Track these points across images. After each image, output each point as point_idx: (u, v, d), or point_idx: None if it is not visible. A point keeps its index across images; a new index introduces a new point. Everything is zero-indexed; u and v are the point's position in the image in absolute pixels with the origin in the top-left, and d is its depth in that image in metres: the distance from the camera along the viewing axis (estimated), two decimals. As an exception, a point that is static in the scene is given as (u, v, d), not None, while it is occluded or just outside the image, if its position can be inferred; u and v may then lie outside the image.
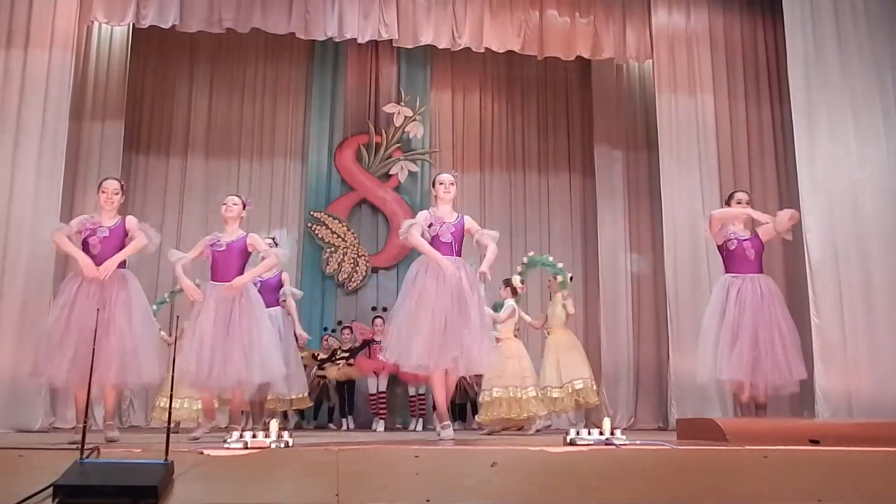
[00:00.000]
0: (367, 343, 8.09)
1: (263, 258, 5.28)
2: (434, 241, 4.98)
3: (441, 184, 5.14)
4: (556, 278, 7.27)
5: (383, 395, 8.00)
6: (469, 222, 5.14)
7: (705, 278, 7.79)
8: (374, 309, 8.77)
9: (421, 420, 7.92)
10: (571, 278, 7.52)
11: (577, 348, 7.08)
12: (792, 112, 7.41)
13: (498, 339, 6.23)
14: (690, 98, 8.25)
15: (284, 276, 6.51)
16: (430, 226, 5.03)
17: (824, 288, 6.94)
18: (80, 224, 4.98)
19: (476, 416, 7.06)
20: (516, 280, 6.97)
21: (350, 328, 8.48)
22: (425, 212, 5.19)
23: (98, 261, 4.81)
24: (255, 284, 5.51)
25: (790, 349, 5.32)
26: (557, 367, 6.86)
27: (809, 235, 7.07)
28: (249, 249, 5.25)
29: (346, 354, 8.14)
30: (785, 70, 7.77)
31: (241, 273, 5.19)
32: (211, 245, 5.22)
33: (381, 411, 7.93)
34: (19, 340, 6.60)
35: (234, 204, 5.33)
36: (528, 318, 7.20)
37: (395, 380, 8.13)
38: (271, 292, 6.21)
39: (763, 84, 8.55)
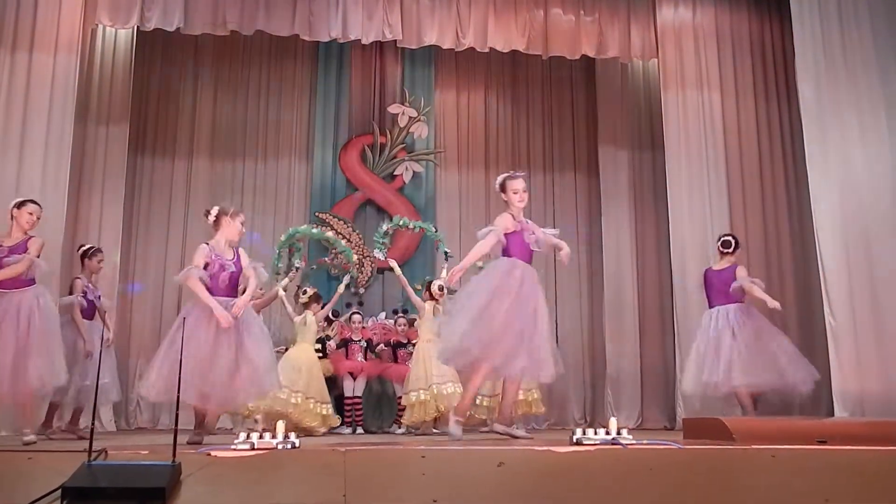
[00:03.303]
0: (346, 342, 7.73)
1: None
2: (524, 248, 5.02)
3: (515, 192, 5.12)
4: None
5: (359, 399, 7.52)
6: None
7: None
8: (395, 312, 8.48)
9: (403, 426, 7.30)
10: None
11: None
12: (801, 110, 7.36)
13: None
14: (697, 95, 8.23)
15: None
16: (517, 232, 5.03)
17: (838, 289, 6.87)
18: (207, 257, 5.00)
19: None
20: (434, 285, 7.06)
21: (360, 314, 8.13)
22: (508, 216, 5.11)
23: (219, 294, 4.90)
24: None
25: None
26: None
27: (821, 235, 7.01)
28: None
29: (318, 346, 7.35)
30: (793, 66, 7.74)
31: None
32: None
33: (357, 417, 7.43)
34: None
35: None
36: None
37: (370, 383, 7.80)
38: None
39: (770, 80, 8.52)
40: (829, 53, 7.27)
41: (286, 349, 7.12)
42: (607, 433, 3.69)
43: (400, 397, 7.21)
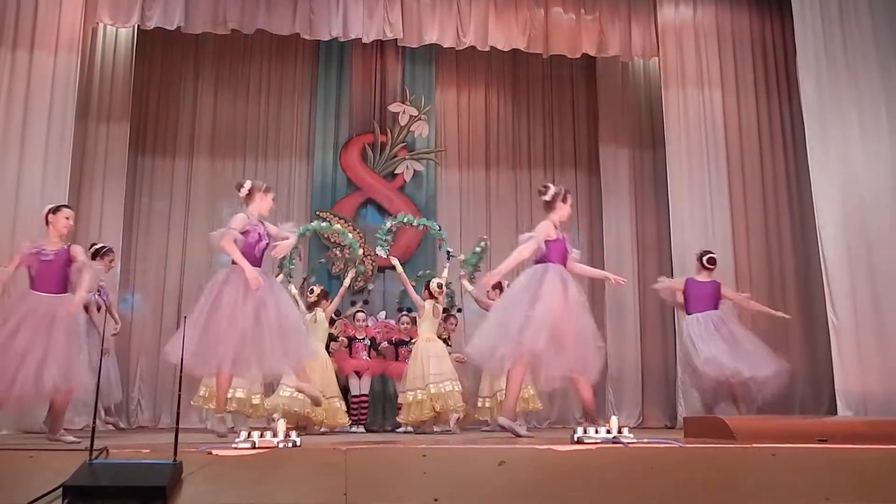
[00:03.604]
0: (350, 340, 7.71)
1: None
2: (563, 256, 5.25)
3: (571, 206, 5.55)
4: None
5: (365, 397, 7.53)
6: None
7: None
8: (399, 310, 8.36)
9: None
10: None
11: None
12: (802, 107, 7.36)
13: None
14: (698, 93, 8.22)
15: None
16: (558, 240, 5.25)
17: (839, 286, 6.87)
18: (244, 226, 5.12)
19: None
20: (434, 283, 7.18)
21: (364, 312, 8.10)
22: (550, 224, 5.28)
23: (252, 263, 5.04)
24: None
25: None
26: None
27: (823, 233, 7.01)
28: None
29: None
30: (794, 63, 7.74)
31: None
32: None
33: (362, 416, 7.42)
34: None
35: None
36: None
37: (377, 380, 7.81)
38: None
39: (771, 78, 8.51)
40: (830, 50, 7.26)
41: None
42: (608, 432, 3.70)
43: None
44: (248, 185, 5.34)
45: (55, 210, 5.31)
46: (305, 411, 6.41)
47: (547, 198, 5.34)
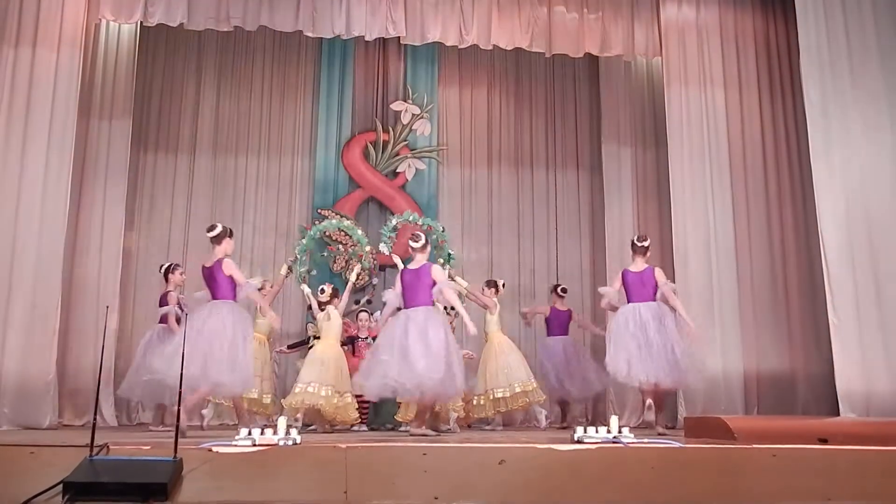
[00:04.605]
0: (353, 339, 7.69)
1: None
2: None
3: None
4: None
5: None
6: None
7: (714, 275, 7.77)
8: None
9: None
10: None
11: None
12: (805, 107, 7.33)
13: None
14: (700, 92, 8.20)
15: None
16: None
17: (841, 287, 6.84)
18: None
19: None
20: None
21: (367, 311, 8.11)
22: None
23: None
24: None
25: None
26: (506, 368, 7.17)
27: (825, 233, 6.99)
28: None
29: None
30: (797, 62, 7.71)
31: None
32: None
33: (364, 414, 7.38)
34: (27, 339, 6.62)
35: None
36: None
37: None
38: None
39: (775, 77, 8.48)
40: (833, 49, 7.24)
41: (307, 341, 7.33)
42: (608, 432, 3.70)
43: None
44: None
45: (211, 229, 5.83)
46: (320, 404, 6.48)
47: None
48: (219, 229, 5.75)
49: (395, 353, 5.46)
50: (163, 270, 7.19)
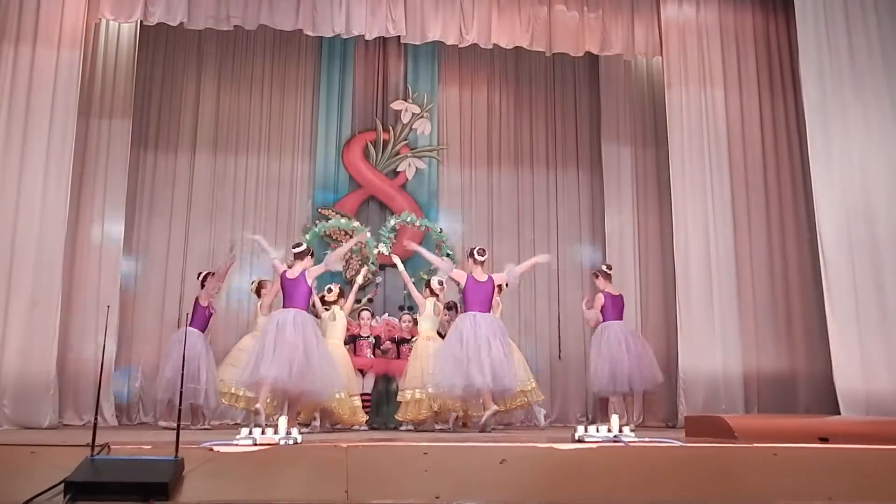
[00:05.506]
0: (354, 338, 7.68)
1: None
2: None
3: None
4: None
5: (368, 395, 7.52)
6: None
7: (714, 275, 7.77)
8: (401, 309, 8.39)
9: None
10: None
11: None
12: (804, 106, 7.33)
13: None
14: (700, 92, 8.20)
15: None
16: None
17: (840, 286, 6.84)
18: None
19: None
20: (434, 281, 7.28)
21: (368, 310, 8.12)
22: None
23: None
24: None
25: None
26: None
27: (824, 234, 6.99)
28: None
29: None
30: (796, 62, 7.72)
31: None
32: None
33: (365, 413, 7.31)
34: (28, 338, 6.62)
35: None
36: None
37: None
38: None
39: (775, 77, 8.49)
40: (833, 48, 7.24)
41: None
42: (609, 431, 3.70)
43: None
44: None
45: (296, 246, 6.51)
46: (332, 405, 6.54)
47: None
48: (303, 247, 6.44)
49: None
50: (200, 278, 7.50)
